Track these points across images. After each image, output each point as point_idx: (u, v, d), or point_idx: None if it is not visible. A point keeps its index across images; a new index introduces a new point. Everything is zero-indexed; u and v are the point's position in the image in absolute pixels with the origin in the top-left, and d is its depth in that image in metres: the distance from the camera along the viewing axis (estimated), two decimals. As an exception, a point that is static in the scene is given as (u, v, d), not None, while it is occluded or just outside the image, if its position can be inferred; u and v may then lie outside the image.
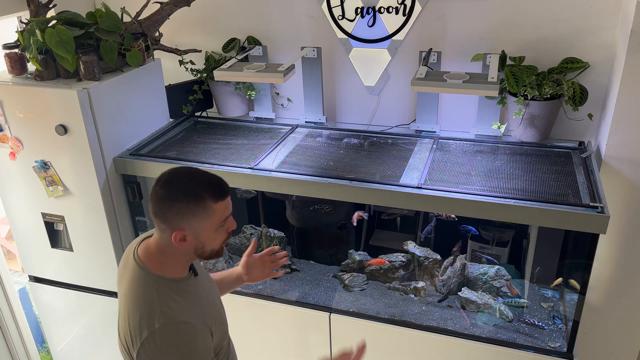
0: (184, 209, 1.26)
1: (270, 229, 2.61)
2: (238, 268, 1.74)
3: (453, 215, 2.11)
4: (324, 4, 2.47)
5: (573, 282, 2.07)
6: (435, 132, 2.46)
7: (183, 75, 2.69)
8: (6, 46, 2.22)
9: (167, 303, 1.29)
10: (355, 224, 2.38)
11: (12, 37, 2.27)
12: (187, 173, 1.31)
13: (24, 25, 2.23)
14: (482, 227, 2.34)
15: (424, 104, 2.42)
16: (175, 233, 1.28)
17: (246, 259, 1.73)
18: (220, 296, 1.57)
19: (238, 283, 1.74)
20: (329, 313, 2.28)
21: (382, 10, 2.40)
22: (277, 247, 1.78)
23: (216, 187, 1.30)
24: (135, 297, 1.31)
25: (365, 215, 2.38)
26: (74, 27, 2.14)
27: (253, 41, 2.64)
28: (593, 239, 1.81)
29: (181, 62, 2.63)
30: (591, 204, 1.77)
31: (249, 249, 1.74)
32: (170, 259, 1.34)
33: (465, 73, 2.04)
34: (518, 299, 2.20)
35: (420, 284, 2.33)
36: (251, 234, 2.69)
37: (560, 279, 2.20)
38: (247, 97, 2.68)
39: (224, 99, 2.67)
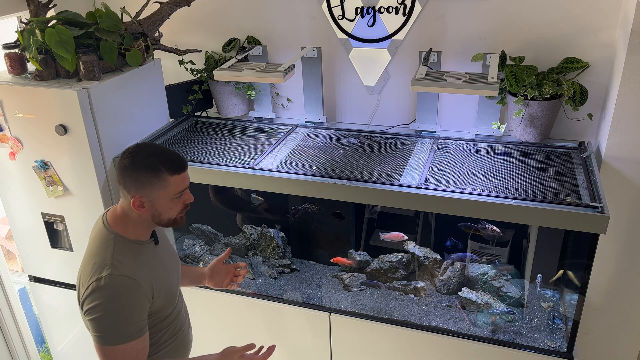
0: (142, 178, 1.44)
1: (270, 229, 2.61)
2: (205, 269, 1.93)
3: (498, 230, 2.15)
4: (324, 4, 2.47)
5: (571, 274, 2.06)
6: (435, 132, 2.46)
7: (183, 75, 2.69)
8: (6, 46, 2.22)
9: (118, 258, 1.46)
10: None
11: (12, 37, 2.27)
12: (149, 147, 1.50)
13: (24, 25, 2.23)
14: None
15: (424, 104, 2.42)
16: (134, 199, 1.45)
17: (215, 264, 1.92)
18: (179, 274, 1.73)
19: (198, 281, 1.92)
20: (329, 313, 2.28)
21: (382, 10, 2.40)
22: (244, 264, 1.97)
23: (173, 162, 1.47)
24: (94, 249, 1.50)
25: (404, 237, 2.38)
26: (74, 27, 2.14)
27: (253, 41, 2.64)
28: (593, 239, 1.81)
29: (181, 62, 2.63)
30: (591, 204, 1.77)
31: (222, 255, 1.94)
32: (132, 222, 1.51)
33: (465, 73, 2.04)
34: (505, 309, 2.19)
35: (420, 284, 2.33)
36: (251, 234, 2.69)
37: (561, 271, 2.20)
38: (247, 97, 2.68)
39: (224, 98, 2.67)
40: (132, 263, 1.48)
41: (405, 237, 2.36)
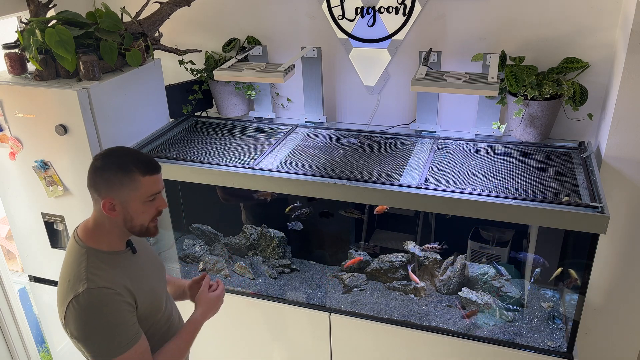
0: (112, 177, 1.39)
1: (270, 229, 2.61)
2: (185, 282, 1.84)
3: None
4: (324, 4, 2.47)
5: (572, 272, 2.05)
6: (435, 132, 2.45)
7: (183, 75, 2.69)
8: (6, 46, 2.22)
9: (93, 271, 1.40)
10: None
11: (12, 37, 2.27)
12: (121, 150, 1.47)
13: (24, 25, 2.23)
14: (482, 227, 2.34)
15: (424, 104, 2.42)
16: (105, 201, 1.40)
17: (192, 285, 1.81)
18: (164, 280, 1.68)
19: (183, 296, 1.83)
20: (329, 313, 2.28)
21: (382, 10, 2.40)
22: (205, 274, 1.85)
23: (145, 163, 1.43)
24: (67, 266, 1.44)
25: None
26: (74, 27, 2.14)
27: (253, 41, 2.64)
28: (593, 239, 1.81)
29: (181, 62, 2.63)
30: (591, 204, 1.77)
31: (197, 278, 1.81)
32: (104, 232, 1.46)
33: (465, 73, 2.04)
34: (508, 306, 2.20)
35: (421, 284, 2.33)
36: (251, 234, 2.69)
37: (560, 269, 2.20)
38: (247, 97, 2.68)
39: (224, 98, 2.67)
40: (109, 274, 1.42)
41: (363, 259, 2.43)
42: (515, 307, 2.20)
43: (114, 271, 1.44)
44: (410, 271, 2.35)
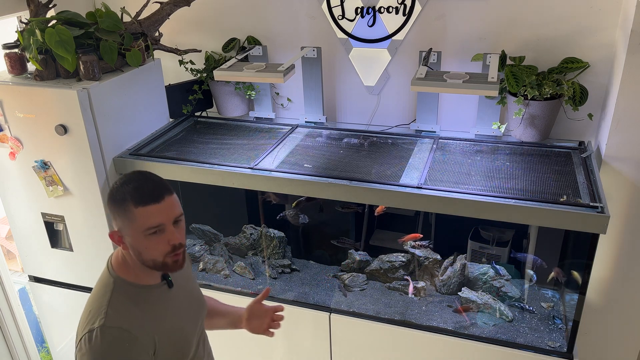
0: (113, 209, 1.28)
1: (270, 229, 2.61)
2: (241, 310, 1.68)
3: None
4: (324, 4, 2.47)
5: (575, 274, 2.05)
6: (435, 132, 2.45)
7: (183, 75, 2.69)
8: (6, 46, 2.22)
9: (115, 306, 1.28)
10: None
11: (12, 37, 2.27)
12: (130, 175, 1.31)
13: (24, 25, 2.23)
14: (482, 227, 2.34)
15: (424, 104, 2.42)
16: (112, 232, 1.31)
17: (253, 305, 1.67)
18: (201, 320, 1.52)
19: (234, 324, 1.69)
20: (329, 313, 2.28)
21: (382, 10, 2.40)
22: (282, 307, 1.73)
23: (141, 193, 1.25)
24: (93, 294, 1.34)
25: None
26: (74, 27, 2.14)
27: (253, 41, 2.64)
28: (593, 239, 1.81)
29: (181, 62, 2.63)
30: (591, 204, 1.77)
31: (260, 296, 1.68)
32: (132, 263, 1.33)
33: (465, 73, 2.04)
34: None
35: (420, 284, 2.33)
36: (251, 234, 2.69)
37: (557, 270, 2.20)
38: (247, 97, 2.68)
39: (224, 98, 2.67)
40: (131, 312, 1.30)
41: (421, 236, 2.35)
42: (520, 303, 2.20)
43: (139, 308, 1.31)
44: (411, 282, 2.35)
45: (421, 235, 2.35)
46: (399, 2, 2.36)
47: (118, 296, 1.30)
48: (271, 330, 1.68)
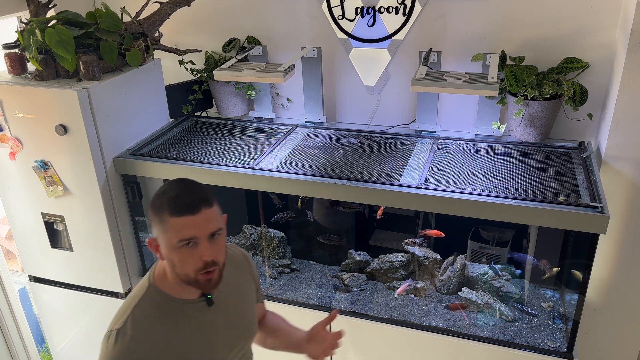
0: (151, 214, 1.22)
1: (270, 229, 2.61)
2: (304, 333, 1.58)
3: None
4: (324, 4, 2.47)
5: (576, 273, 2.05)
6: (435, 132, 2.45)
7: (183, 75, 2.69)
8: (6, 46, 2.22)
9: (137, 315, 1.24)
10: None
11: (12, 37, 2.27)
12: (173, 183, 1.25)
13: (24, 25, 2.23)
14: (482, 227, 2.34)
15: (424, 104, 2.42)
16: (150, 239, 1.25)
17: (317, 329, 1.57)
18: (243, 345, 1.44)
19: (295, 347, 1.56)
20: (329, 313, 2.27)
21: (382, 10, 2.40)
22: (342, 332, 1.59)
23: (178, 203, 1.19)
24: (129, 295, 1.32)
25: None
26: (74, 27, 2.14)
27: (253, 41, 2.64)
28: (593, 239, 1.81)
29: (181, 62, 2.63)
30: (591, 204, 1.77)
31: (326, 319, 1.57)
32: (171, 276, 1.26)
33: (465, 73, 2.04)
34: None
35: (420, 284, 2.33)
36: (251, 234, 2.69)
37: (556, 268, 2.20)
38: (247, 97, 2.68)
39: (224, 98, 2.67)
40: (153, 324, 1.23)
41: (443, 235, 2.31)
42: (522, 306, 2.20)
43: (162, 323, 1.24)
44: (403, 284, 2.35)
45: (443, 235, 2.31)
46: (399, 2, 2.36)
47: (145, 305, 1.25)
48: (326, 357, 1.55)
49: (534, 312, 2.18)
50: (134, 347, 1.21)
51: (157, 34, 2.49)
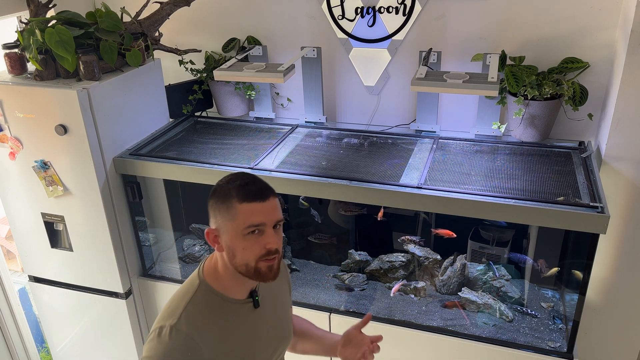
0: (214, 205, 1.23)
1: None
2: (337, 337, 1.55)
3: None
4: (324, 4, 2.47)
5: (576, 273, 2.05)
6: (435, 132, 2.46)
7: (183, 75, 2.69)
8: (6, 46, 2.22)
9: (191, 311, 1.24)
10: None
11: (12, 37, 2.27)
12: (237, 174, 1.26)
13: (24, 25, 2.23)
14: (482, 227, 2.34)
15: (424, 104, 2.42)
16: (209, 230, 1.24)
17: (352, 332, 1.54)
18: (282, 349, 1.45)
19: (329, 351, 1.54)
20: (329, 313, 2.28)
21: (382, 10, 2.40)
22: (380, 337, 1.58)
23: (247, 188, 1.21)
24: (177, 291, 1.30)
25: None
26: (74, 27, 2.14)
27: (253, 41, 2.64)
28: (593, 239, 1.81)
29: (181, 62, 2.63)
30: (591, 204, 1.77)
31: (362, 322, 1.55)
32: (221, 270, 1.27)
33: (465, 73, 2.04)
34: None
35: (420, 284, 2.33)
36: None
37: (556, 268, 2.20)
38: (247, 97, 2.68)
39: (224, 98, 2.67)
40: (205, 322, 1.24)
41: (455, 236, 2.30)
42: (523, 308, 2.20)
43: (214, 321, 1.25)
44: (398, 284, 2.35)
45: (454, 235, 2.30)
46: (399, 2, 2.36)
47: (198, 302, 1.25)
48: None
49: (534, 313, 2.18)
50: (190, 343, 1.21)
51: (157, 34, 2.49)
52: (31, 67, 2.25)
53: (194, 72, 2.65)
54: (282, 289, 1.47)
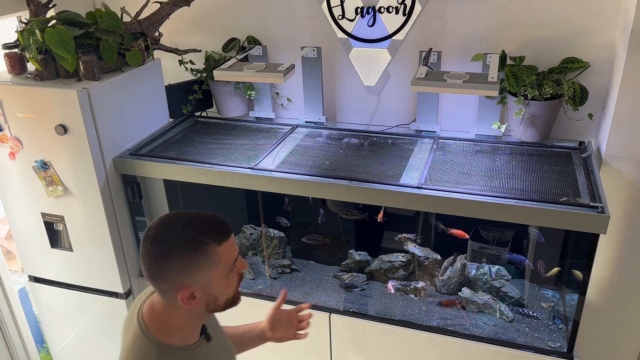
0: (185, 262, 1.08)
1: (270, 229, 2.61)
2: (262, 322, 1.55)
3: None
4: (324, 4, 2.47)
5: (577, 273, 2.05)
6: (435, 132, 2.45)
7: (183, 75, 2.69)
8: (6, 46, 2.22)
9: None
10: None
11: (12, 37, 2.27)
12: (177, 220, 1.13)
13: (24, 25, 2.23)
14: (482, 227, 2.34)
15: (424, 103, 2.42)
16: (182, 293, 1.10)
17: (273, 312, 1.54)
18: (236, 356, 1.42)
19: (260, 340, 1.55)
20: (329, 313, 2.28)
21: (382, 10, 2.40)
22: (306, 305, 1.59)
23: (216, 228, 1.12)
24: None
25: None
26: (74, 27, 2.14)
27: (253, 41, 2.64)
28: (593, 239, 1.81)
29: (181, 62, 2.63)
30: (591, 204, 1.77)
31: (278, 301, 1.55)
32: (177, 323, 1.17)
33: (465, 73, 2.04)
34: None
35: (420, 284, 2.33)
36: (251, 234, 2.69)
37: (556, 268, 2.20)
38: (247, 97, 2.68)
39: (224, 98, 2.67)
40: None
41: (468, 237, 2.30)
42: (523, 309, 2.20)
43: None
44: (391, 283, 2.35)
45: (467, 236, 2.30)
46: (399, 2, 2.36)
47: None
48: (300, 332, 1.55)
49: (535, 314, 2.17)
50: None
51: (157, 33, 2.49)
52: (31, 67, 2.25)
53: (194, 72, 2.65)
54: None
